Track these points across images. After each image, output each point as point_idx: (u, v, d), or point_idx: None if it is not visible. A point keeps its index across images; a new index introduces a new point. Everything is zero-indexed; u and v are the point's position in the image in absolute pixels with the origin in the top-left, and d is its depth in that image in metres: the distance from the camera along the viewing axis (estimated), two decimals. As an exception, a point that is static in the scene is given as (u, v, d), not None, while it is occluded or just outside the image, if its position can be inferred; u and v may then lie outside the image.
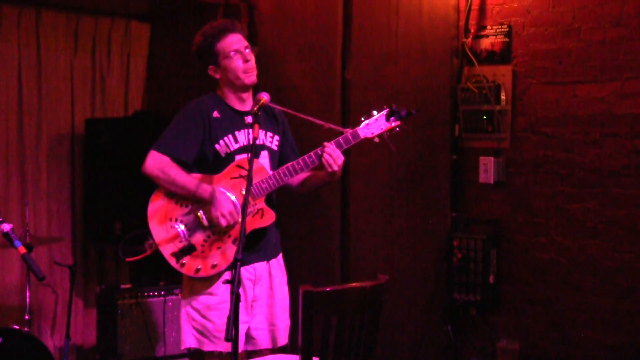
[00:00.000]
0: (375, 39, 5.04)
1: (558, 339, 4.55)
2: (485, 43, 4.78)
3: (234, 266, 2.85)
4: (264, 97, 3.37)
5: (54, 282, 5.62)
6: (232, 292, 2.82)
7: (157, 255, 3.49)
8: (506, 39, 4.70)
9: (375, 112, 3.50)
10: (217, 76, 3.55)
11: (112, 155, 5.45)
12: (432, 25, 4.86)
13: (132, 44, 6.01)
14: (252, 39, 5.21)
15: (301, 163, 3.45)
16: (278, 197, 3.68)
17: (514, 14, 4.67)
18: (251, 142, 3.42)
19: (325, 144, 3.43)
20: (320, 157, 3.42)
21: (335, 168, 3.42)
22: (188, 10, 5.81)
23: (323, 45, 5.16)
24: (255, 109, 3.27)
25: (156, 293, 5.08)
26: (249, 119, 3.51)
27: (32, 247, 4.81)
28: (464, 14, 4.83)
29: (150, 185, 3.51)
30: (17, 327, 4.52)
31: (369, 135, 3.48)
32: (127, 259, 3.66)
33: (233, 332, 2.82)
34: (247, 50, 3.51)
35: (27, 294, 4.89)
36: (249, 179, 3.07)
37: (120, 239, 5.14)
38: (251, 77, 3.51)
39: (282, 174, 3.44)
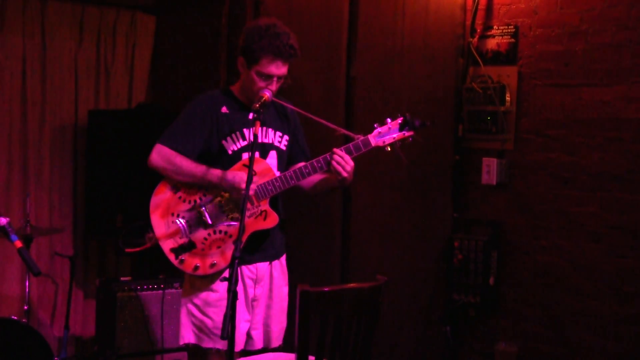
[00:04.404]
0: (381, 37, 5.01)
1: (557, 342, 4.54)
2: (491, 43, 4.76)
3: (232, 264, 2.83)
4: (267, 94, 3.33)
5: (54, 273, 5.61)
6: (229, 290, 2.79)
7: (158, 248, 3.47)
8: (512, 40, 4.67)
9: (389, 120, 3.41)
10: (241, 70, 3.45)
11: (115, 148, 5.43)
12: (438, 25, 4.83)
13: (138, 36, 5.99)
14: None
15: (309, 167, 3.38)
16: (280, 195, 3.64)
17: (521, 14, 4.65)
18: (260, 140, 3.43)
19: (335, 150, 3.34)
20: (329, 162, 3.34)
21: (345, 174, 3.34)
22: (194, 3, 5.80)
23: (328, 43, 5.13)
24: (257, 105, 3.24)
25: (155, 286, 5.06)
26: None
27: (32, 238, 4.82)
28: (471, 13, 4.81)
29: (152, 178, 3.48)
30: (15, 317, 4.51)
31: (381, 144, 3.40)
32: (127, 250, 3.63)
33: (229, 329, 2.80)
34: (277, 79, 3.39)
35: (27, 284, 4.89)
36: (249, 176, 3.04)
37: (121, 231, 5.15)
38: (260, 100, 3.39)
39: (288, 177, 3.38)
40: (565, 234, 4.50)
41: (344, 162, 3.32)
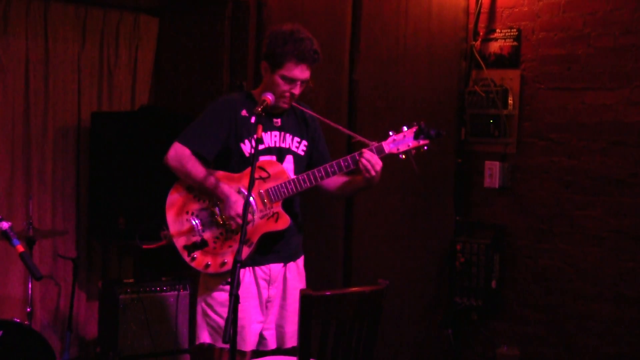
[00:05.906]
0: (384, 40, 5.02)
1: (559, 346, 4.53)
2: (494, 46, 4.75)
3: (234, 268, 2.84)
4: (269, 97, 3.37)
5: (57, 275, 5.61)
6: (231, 294, 2.81)
7: (161, 250, 3.52)
8: (515, 43, 4.67)
9: (405, 128, 3.44)
10: (263, 75, 3.50)
11: (118, 150, 5.44)
12: (441, 28, 4.83)
13: (141, 38, 5.99)
14: (260, 36, 5.21)
15: (335, 166, 3.41)
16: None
17: (524, 18, 4.65)
18: (277, 144, 3.51)
19: (364, 150, 3.38)
20: (357, 161, 3.38)
21: (373, 173, 3.38)
22: (197, 5, 5.80)
23: (331, 46, 5.13)
24: (259, 109, 3.28)
25: (158, 288, 5.07)
26: (277, 122, 3.52)
27: (35, 240, 4.82)
28: (474, 16, 4.80)
29: (155, 181, 3.51)
30: (17, 319, 4.52)
31: (394, 151, 3.43)
32: (144, 246, 3.71)
33: (231, 332, 2.81)
34: (300, 84, 3.44)
35: (29, 286, 4.89)
36: (251, 179, 3.06)
37: (124, 234, 5.17)
38: (283, 104, 3.46)
39: (301, 180, 3.42)
40: (568, 238, 4.50)
41: (374, 161, 3.37)
